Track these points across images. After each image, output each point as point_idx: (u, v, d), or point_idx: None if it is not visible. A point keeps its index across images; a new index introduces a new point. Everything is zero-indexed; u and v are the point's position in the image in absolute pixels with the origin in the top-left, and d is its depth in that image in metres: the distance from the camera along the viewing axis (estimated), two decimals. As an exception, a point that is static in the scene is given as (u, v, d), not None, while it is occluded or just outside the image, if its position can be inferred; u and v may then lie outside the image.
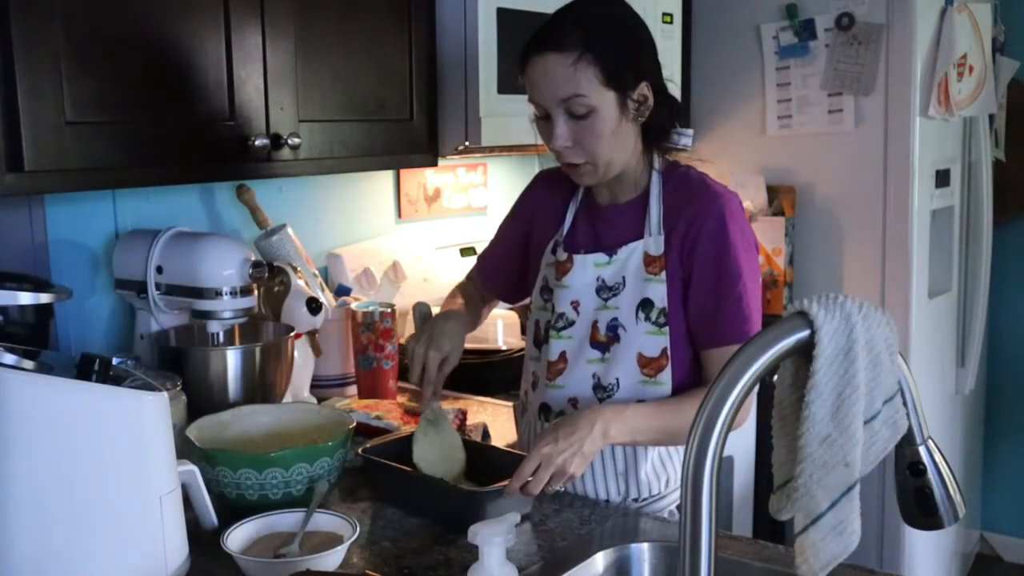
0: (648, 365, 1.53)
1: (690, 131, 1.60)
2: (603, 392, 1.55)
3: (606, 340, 1.55)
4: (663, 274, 1.52)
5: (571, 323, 1.58)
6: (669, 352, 1.52)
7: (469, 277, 1.85)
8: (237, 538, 1.29)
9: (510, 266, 1.75)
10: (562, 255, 1.60)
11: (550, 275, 1.62)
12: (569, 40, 1.44)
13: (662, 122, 1.55)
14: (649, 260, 1.53)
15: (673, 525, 1.45)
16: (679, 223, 1.52)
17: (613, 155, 1.50)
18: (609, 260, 1.56)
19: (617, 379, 1.54)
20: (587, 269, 1.57)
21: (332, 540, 1.29)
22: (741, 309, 1.49)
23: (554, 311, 1.59)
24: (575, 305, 1.58)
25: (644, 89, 1.49)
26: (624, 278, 1.55)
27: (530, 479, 1.39)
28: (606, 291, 1.56)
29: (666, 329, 1.52)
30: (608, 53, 1.44)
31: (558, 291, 1.59)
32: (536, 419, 1.62)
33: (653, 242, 1.54)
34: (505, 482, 1.39)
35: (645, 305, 1.53)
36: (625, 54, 1.47)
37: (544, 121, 1.50)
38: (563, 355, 1.58)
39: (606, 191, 1.60)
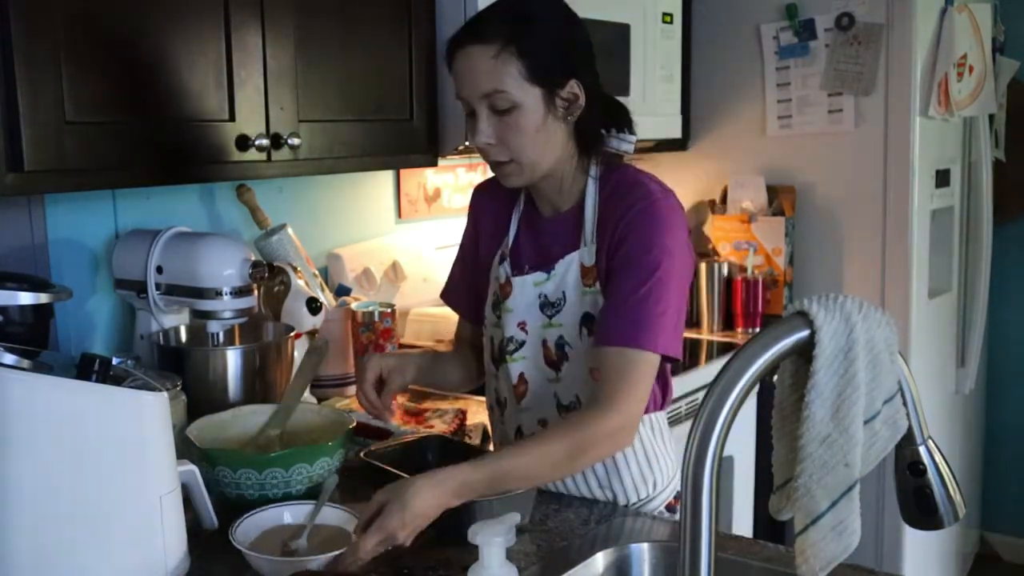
0: None
1: (632, 137, 1.52)
2: (567, 411, 1.50)
3: (557, 359, 1.51)
4: (597, 284, 1.45)
5: (521, 344, 1.53)
6: None
7: (457, 336, 1.74)
8: (244, 531, 1.29)
9: (481, 286, 1.65)
10: (502, 277, 1.54)
11: (498, 292, 1.57)
12: (493, 32, 1.39)
13: (595, 124, 1.47)
14: (584, 271, 1.47)
15: (672, 524, 1.45)
16: (608, 226, 1.44)
17: (538, 155, 1.43)
18: (548, 276, 1.50)
19: (577, 396, 1.50)
20: (526, 289, 1.51)
21: (340, 535, 1.29)
22: (641, 310, 1.38)
23: (504, 334, 1.54)
24: (522, 326, 1.52)
25: (574, 87, 1.42)
26: (564, 293, 1.49)
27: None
28: (549, 307, 1.50)
29: None
30: (533, 47, 1.38)
31: (504, 315, 1.53)
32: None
33: (587, 252, 1.46)
34: (500, 495, 1.35)
35: (587, 320, 1.46)
36: (553, 49, 1.40)
37: (471, 118, 1.45)
38: (522, 377, 1.53)
39: (547, 203, 1.54)
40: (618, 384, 1.37)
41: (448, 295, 1.75)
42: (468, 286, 1.69)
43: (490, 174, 1.56)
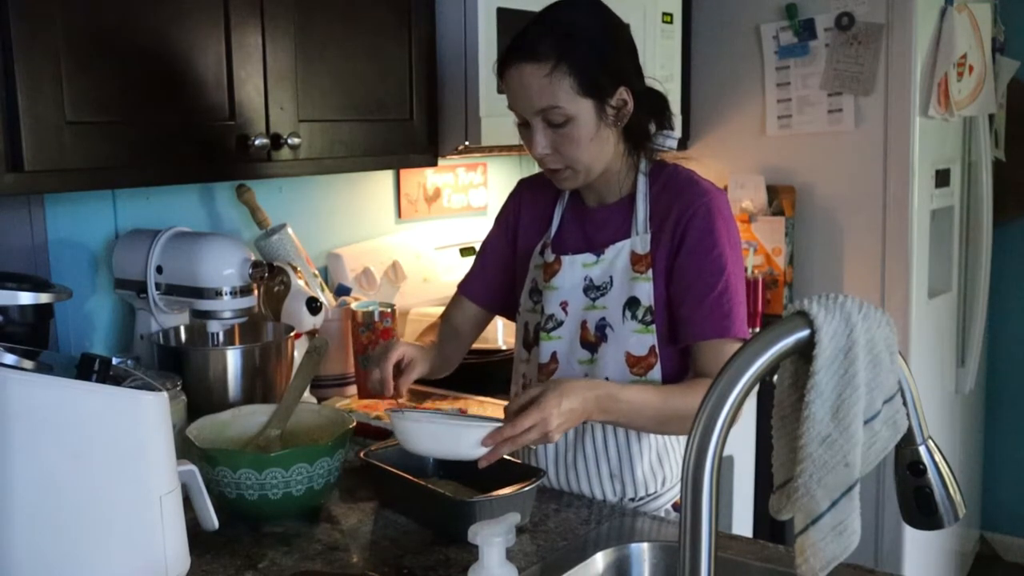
0: (637, 364, 1.52)
1: (675, 133, 1.59)
2: None
3: (595, 340, 1.55)
4: (649, 272, 1.52)
5: (560, 324, 1.58)
6: (658, 350, 1.52)
7: (444, 317, 1.78)
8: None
9: (506, 279, 1.72)
10: (550, 256, 1.60)
11: (538, 277, 1.62)
12: (543, 49, 1.42)
13: (644, 124, 1.54)
14: (636, 259, 1.53)
15: (672, 524, 1.45)
16: (667, 220, 1.52)
17: (593, 161, 1.50)
18: (597, 260, 1.56)
19: (607, 379, 1.53)
20: (575, 269, 1.57)
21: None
22: (722, 304, 1.49)
23: (543, 313, 1.59)
24: (564, 306, 1.57)
25: (623, 94, 1.48)
26: (611, 277, 1.55)
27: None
28: (594, 291, 1.56)
29: (653, 327, 1.52)
30: (584, 62, 1.43)
31: (547, 293, 1.59)
32: None
33: (639, 240, 1.54)
34: (501, 491, 1.37)
35: (632, 304, 1.53)
36: (602, 61, 1.45)
37: (524, 128, 1.51)
38: (554, 356, 1.58)
39: (593, 194, 1.60)
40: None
41: (466, 284, 1.77)
42: (490, 276, 1.73)
43: (491, 176, 1.57)
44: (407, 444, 1.42)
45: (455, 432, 1.38)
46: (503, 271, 1.72)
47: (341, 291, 2.27)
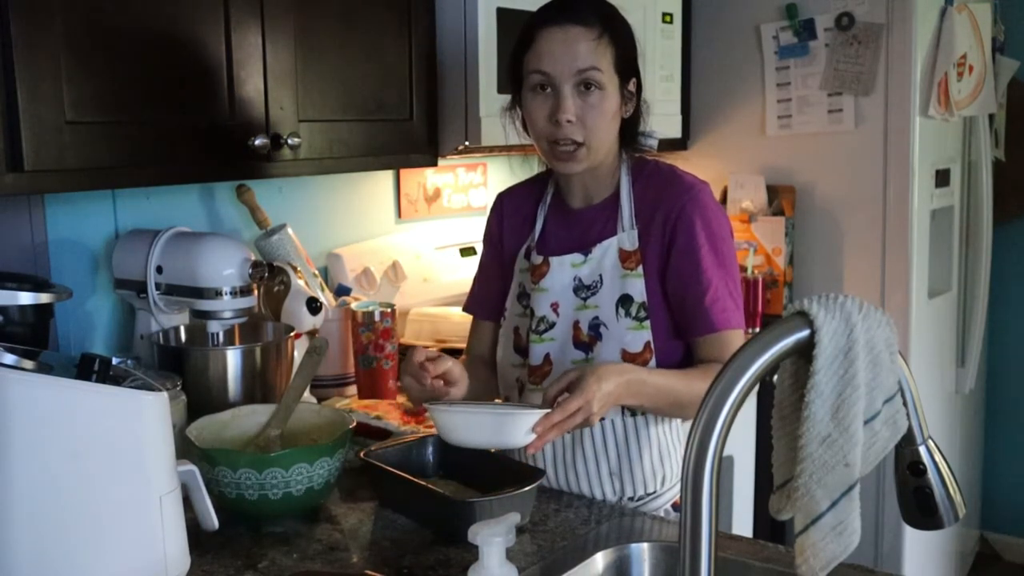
0: (633, 361, 1.52)
1: (657, 133, 1.64)
2: None
3: (589, 340, 1.55)
4: (640, 268, 1.53)
5: (552, 325, 1.57)
6: (652, 345, 1.52)
7: (466, 352, 1.76)
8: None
9: (506, 290, 1.69)
10: (537, 259, 1.60)
11: (526, 280, 1.62)
12: (591, 19, 1.49)
13: (637, 122, 1.59)
14: (625, 255, 1.54)
15: (673, 525, 1.45)
16: (655, 218, 1.54)
17: (606, 139, 1.53)
18: (585, 259, 1.56)
19: None
20: (564, 270, 1.57)
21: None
22: (718, 300, 1.51)
23: (534, 315, 1.59)
24: (554, 307, 1.58)
25: (633, 85, 1.55)
26: (601, 276, 1.55)
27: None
28: (584, 290, 1.56)
29: (647, 323, 1.53)
30: (622, 40, 1.51)
31: (536, 295, 1.59)
32: None
33: (627, 237, 1.55)
34: (500, 494, 1.36)
35: (624, 301, 1.53)
36: (631, 45, 1.54)
37: (542, 95, 1.50)
38: (547, 358, 1.58)
39: (580, 194, 1.60)
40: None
41: (474, 306, 1.77)
42: (496, 292, 1.71)
43: (491, 176, 1.57)
44: (451, 436, 1.38)
45: (502, 421, 1.36)
46: (503, 283, 1.70)
47: (341, 291, 2.27)
